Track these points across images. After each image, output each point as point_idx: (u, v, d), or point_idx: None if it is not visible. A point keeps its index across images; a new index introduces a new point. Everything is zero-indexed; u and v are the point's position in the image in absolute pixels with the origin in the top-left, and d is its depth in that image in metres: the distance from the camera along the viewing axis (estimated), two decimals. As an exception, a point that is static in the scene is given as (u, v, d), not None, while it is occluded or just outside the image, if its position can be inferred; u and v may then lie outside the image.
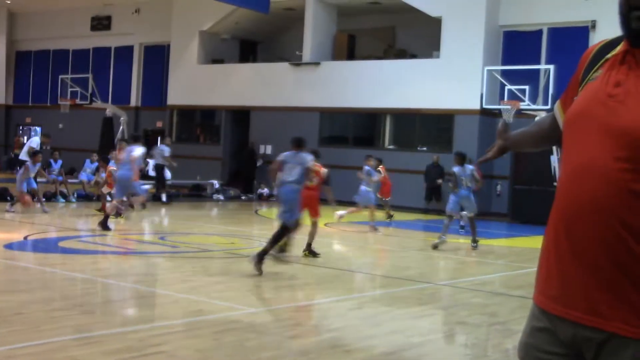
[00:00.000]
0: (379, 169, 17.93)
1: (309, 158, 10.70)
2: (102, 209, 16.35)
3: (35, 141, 19.78)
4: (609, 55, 2.11)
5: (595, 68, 2.13)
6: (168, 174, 22.99)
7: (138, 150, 14.16)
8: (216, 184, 24.64)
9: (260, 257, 9.54)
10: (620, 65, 2.05)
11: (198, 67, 27.94)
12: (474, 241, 13.80)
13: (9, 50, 34.90)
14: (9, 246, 11.12)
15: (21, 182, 15.98)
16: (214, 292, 8.32)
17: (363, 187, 16.05)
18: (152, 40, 30.52)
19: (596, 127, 1.98)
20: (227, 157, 27.51)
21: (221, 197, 23.88)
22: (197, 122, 29.14)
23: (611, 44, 2.15)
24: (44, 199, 16.85)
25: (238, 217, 19.82)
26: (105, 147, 24.08)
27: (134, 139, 15.41)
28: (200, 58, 27.98)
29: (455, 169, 13.87)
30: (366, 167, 16.15)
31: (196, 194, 24.60)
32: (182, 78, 28.16)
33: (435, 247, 13.37)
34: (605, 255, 1.92)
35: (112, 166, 16.49)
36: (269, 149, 25.87)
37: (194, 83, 27.77)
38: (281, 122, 25.41)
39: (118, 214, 15.45)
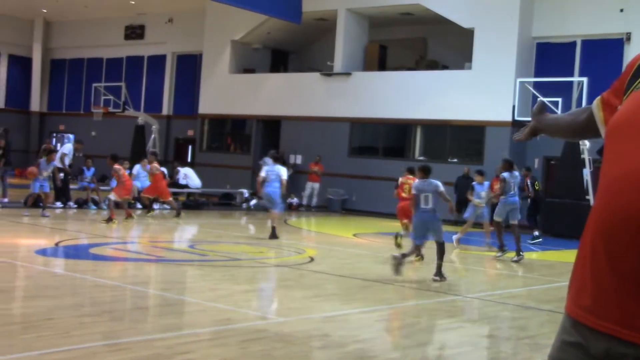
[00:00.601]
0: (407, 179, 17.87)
1: (284, 170, 14.50)
2: (127, 217, 16.46)
3: (67, 147, 20.00)
4: None
5: None
6: (198, 181, 23.16)
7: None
8: (246, 192, 24.71)
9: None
10: None
11: (230, 76, 28.09)
12: (518, 253, 13.56)
13: (44, 58, 35.36)
14: (41, 252, 11.22)
15: (33, 181, 16.09)
16: (241, 300, 8.33)
17: (474, 203, 15.78)
18: (185, 49, 30.76)
19: None
20: (257, 166, 27.57)
21: (251, 205, 23.94)
22: (228, 131, 29.27)
23: None
24: (54, 203, 16.88)
25: (267, 226, 19.83)
26: (137, 155, 24.25)
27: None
28: (232, 67, 28.13)
29: (505, 175, 13.85)
30: (474, 184, 16.02)
31: (226, 203, 24.69)
32: (214, 87, 28.32)
33: (515, 261, 13.32)
34: None
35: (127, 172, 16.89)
36: (299, 159, 25.92)
37: (226, 92, 27.91)
38: (312, 132, 25.46)
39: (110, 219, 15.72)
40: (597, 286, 1.91)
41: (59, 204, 19.25)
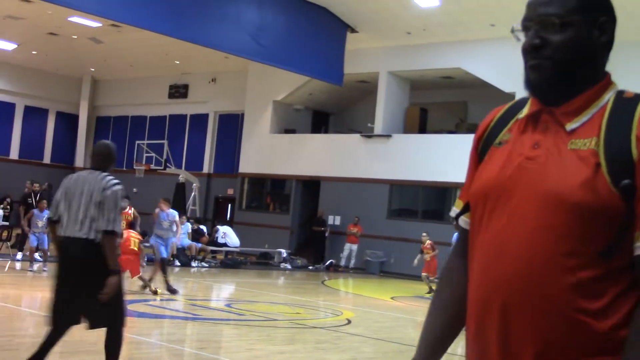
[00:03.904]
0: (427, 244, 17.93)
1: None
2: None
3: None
4: (520, 116, 1.85)
5: (503, 131, 1.87)
6: (236, 240, 23.25)
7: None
8: (284, 252, 24.70)
9: None
10: (534, 125, 1.80)
11: (270, 136, 28.34)
12: None
13: (90, 115, 36.08)
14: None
15: (30, 233, 15.29)
16: (277, 362, 8.26)
17: None
18: (227, 108, 31.17)
19: (517, 195, 1.72)
20: (296, 226, 27.60)
21: (289, 266, 23.90)
22: (268, 191, 29.40)
23: (517, 105, 1.90)
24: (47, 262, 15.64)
25: (305, 286, 19.75)
26: (178, 212, 24.40)
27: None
28: (273, 127, 28.40)
29: None
30: None
31: (264, 262, 24.68)
32: (255, 146, 28.57)
33: None
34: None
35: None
36: (337, 220, 25.90)
37: (266, 152, 28.12)
38: (351, 193, 25.49)
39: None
40: None
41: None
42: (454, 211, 2.01)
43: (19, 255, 17.09)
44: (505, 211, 1.74)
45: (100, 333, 9.53)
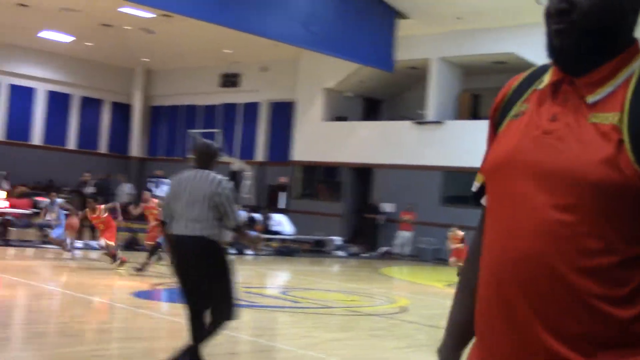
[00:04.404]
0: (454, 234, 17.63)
1: None
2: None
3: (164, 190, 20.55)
4: (539, 87, 1.73)
5: (520, 102, 1.76)
6: (290, 228, 23.36)
7: None
8: (337, 240, 24.75)
9: None
10: (553, 96, 1.67)
11: (322, 124, 28.38)
12: None
13: (144, 105, 36.53)
14: (138, 294, 11.47)
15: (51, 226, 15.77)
16: (333, 349, 8.31)
17: None
18: (278, 97, 31.26)
19: (532, 171, 1.61)
20: (348, 214, 27.61)
21: (343, 253, 23.95)
22: (319, 179, 29.45)
23: (535, 74, 1.78)
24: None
25: (359, 274, 19.79)
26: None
27: None
28: (325, 115, 28.43)
29: None
30: None
31: (317, 250, 24.78)
32: (306, 134, 28.64)
33: None
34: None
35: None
36: (390, 207, 25.85)
37: (318, 140, 28.17)
38: (403, 180, 25.40)
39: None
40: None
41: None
42: (475, 186, 1.93)
43: (79, 244, 17.43)
44: (518, 188, 1.62)
45: (161, 321, 9.70)
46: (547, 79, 1.71)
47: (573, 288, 1.53)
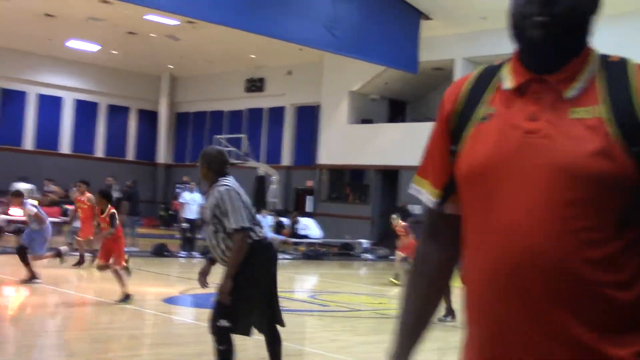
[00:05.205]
0: None
1: None
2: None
3: (190, 197, 20.74)
4: (504, 87, 1.71)
5: (481, 104, 1.73)
6: (317, 232, 23.35)
7: None
8: (365, 243, 24.73)
9: None
10: (522, 96, 1.66)
11: (347, 126, 28.38)
12: None
13: (170, 112, 36.78)
14: (168, 300, 11.55)
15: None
16: (362, 352, 8.31)
17: None
18: (303, 100, 31.32)
19: (524, 171, 1.60)
20: (377, 216, 27.58)
21: (370, 256, 23.93)
22: (347, 182, 29.45)
23: (486, 75, 1.77)
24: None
25: (387, 277, 19.74)
26: (258, 205, 24.74)
27: None
28: (350, 118, 28.43)
29: None
30: None
31: (345, 253, 24.77)
32: (332, 138, 28.66)
33: None
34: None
35: None
36: (419, 209, 25.77)
37: (344, 142, 28.18)
38: (430, 181, 25.33)
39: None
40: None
41: (183, 253, 19.84)
42: (431, 201, 1.85)
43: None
44: (510, 189, 1.61)
45: (191, 327, 9.75)
46: (509, 78, 1.70)
47: (582, 278, 1.56)
